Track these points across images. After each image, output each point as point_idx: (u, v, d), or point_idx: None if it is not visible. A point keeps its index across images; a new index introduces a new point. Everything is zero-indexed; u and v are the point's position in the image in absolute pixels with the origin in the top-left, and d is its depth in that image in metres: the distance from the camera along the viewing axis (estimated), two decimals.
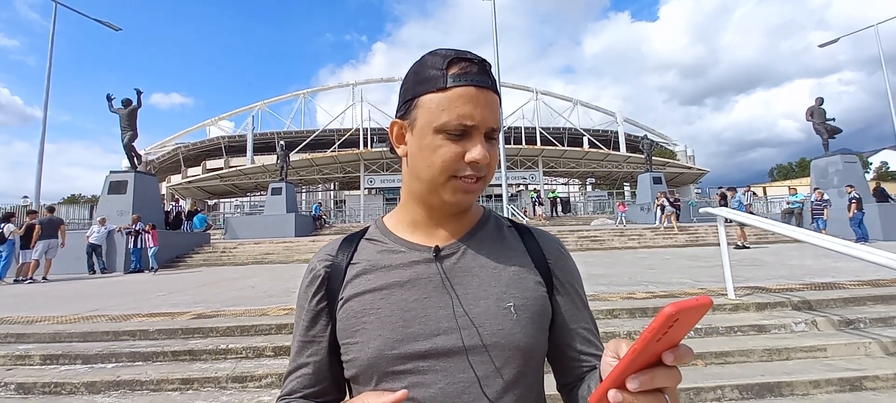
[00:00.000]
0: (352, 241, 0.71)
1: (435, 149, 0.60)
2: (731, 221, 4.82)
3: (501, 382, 0.58)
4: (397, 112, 0.66)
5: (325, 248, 0.72)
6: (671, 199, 17.14)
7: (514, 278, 0.65)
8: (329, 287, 0.67)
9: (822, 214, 12.73)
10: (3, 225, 10.00)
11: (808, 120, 15.33)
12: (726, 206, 12.20)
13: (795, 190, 14.69)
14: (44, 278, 9.85)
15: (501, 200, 21.34)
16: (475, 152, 0.59)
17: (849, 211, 12.37)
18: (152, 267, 11.35)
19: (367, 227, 0.74)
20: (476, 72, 0.60)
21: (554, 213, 25.51)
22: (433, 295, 0.62)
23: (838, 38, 21.75)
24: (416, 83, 0.62)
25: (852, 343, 3.38)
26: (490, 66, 0.63)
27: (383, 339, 0.59)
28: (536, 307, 0.64)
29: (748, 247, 10.93)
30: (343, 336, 0.63)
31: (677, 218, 15.76)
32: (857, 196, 12.48)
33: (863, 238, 11.50)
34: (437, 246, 0.66)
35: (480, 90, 0.59)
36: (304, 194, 39.69)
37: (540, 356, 0.65)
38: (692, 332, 3.68)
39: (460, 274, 0.64)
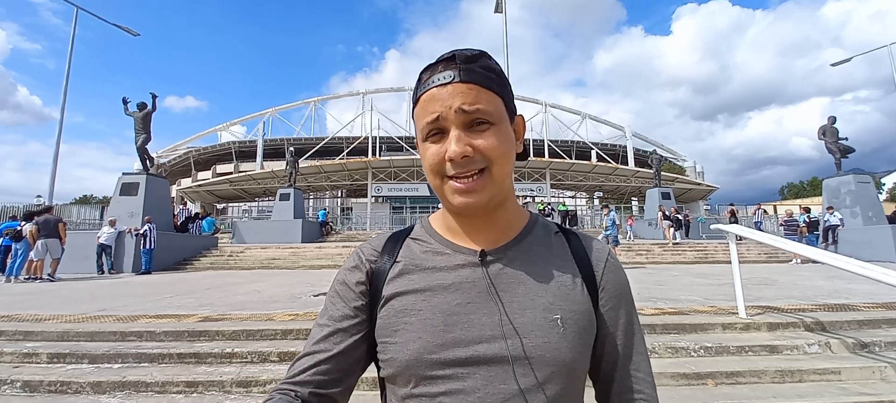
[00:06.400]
0: (397, 240, 0.70)
1: (424, 157, 0.61)
2: (742, 239, 4.74)
3: (543, 397, 0.56)
4: None
5: (371, 243, 0.71)
6: (666, 212, 17.12)
7: (562, 289, 0.62)
8: (372, 283, 0.66)
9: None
10: (24, 223, 10.16)
11: (820, 139, 15.20)
12: (737, 223, 12.13)
13: (791, 213, 14.67)
14: (50, 276, 9.88)
15: None
16: (449, 148, 0.58)
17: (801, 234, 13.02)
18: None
19: (412, 226, 0.73)
20: (440, 71, 0.60)
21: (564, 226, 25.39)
22: (477, 300, 0.60)
23: (851, 58, 21.58)
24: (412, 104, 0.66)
25: (867, 367, 3.30)
26: (464, 58, 0.60)
27: (423, 342, 0.58)
28: (583, 321, 0.61)
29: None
30: (382, 335, 0.62)
31: (685, 234, 15.57)
32: (808, 219, 13.19)
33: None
34: (483, 250, 0.64)
35: (442, 87, 0.59)
36: (311, 200, 39.90)
37: (583, 373, 0.62)
38: (701, 349, 3.62)
39: (506, 281, 0.62)
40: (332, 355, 0.62)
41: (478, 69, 0.60)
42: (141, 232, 11.73)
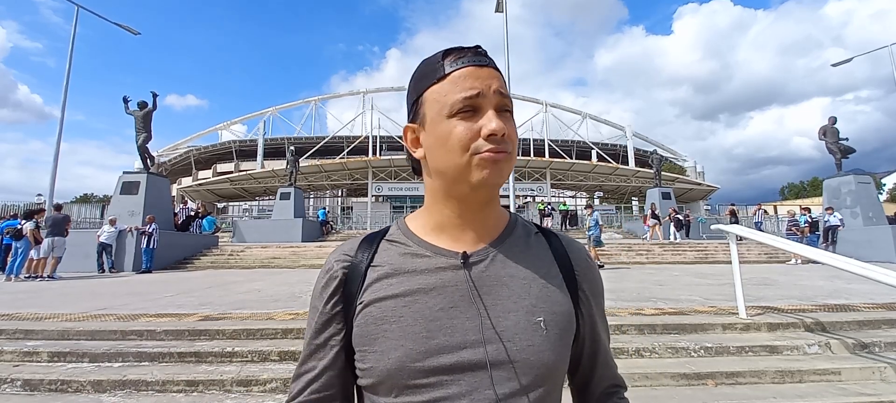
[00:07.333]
0: (372, 242, 0.68)
1: (450, 133, 0.58)
2: (742, 239, 4.75)
3: (527, 400, 0.56)
4: (408, 118, 0.66)
5: (342, 248, 0.68)
6: (656, 210, 17.34)
7: (544, 290, 0.62)
8: (346, 289, 0.63)
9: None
10: (24, 222, 10.19)
11: (820, 139, 15.19)
12: (737, 224, 12.17)
13: (794, 213, 14.68)
14: (50, 276, 9.83)
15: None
16: (490, 123, 0.57)
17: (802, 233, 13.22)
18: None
19: (388, 228, 0.70)
20: (471, 54, 0.61)
21: (564, 226, 25.41)
22: (460, 304, 0.59)
23: (852, 58, 21.52)
24: (418, 82, 0.63)
25: (867, 368, 3.30)
26: (485, 51, 0.63)
27: (405, 350, 0.56)
28: (564, 322, 0.61)
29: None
30: (360, 343, 0.60)
31: (686, 234, 15.61)
32: (809, 220, 13.41)
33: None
34: (464, 252, 0.63)
35: (480, 68, 0.60)
36: (312, 200, 39.89)
37: (563, 373, 0.63)
38: (702, 349, 3.62)
39: (489, 284, 0.61)
40: (319, 371, 0.63)
41: (493, 61, 0.63)
42: (147, 231, 11.72)
